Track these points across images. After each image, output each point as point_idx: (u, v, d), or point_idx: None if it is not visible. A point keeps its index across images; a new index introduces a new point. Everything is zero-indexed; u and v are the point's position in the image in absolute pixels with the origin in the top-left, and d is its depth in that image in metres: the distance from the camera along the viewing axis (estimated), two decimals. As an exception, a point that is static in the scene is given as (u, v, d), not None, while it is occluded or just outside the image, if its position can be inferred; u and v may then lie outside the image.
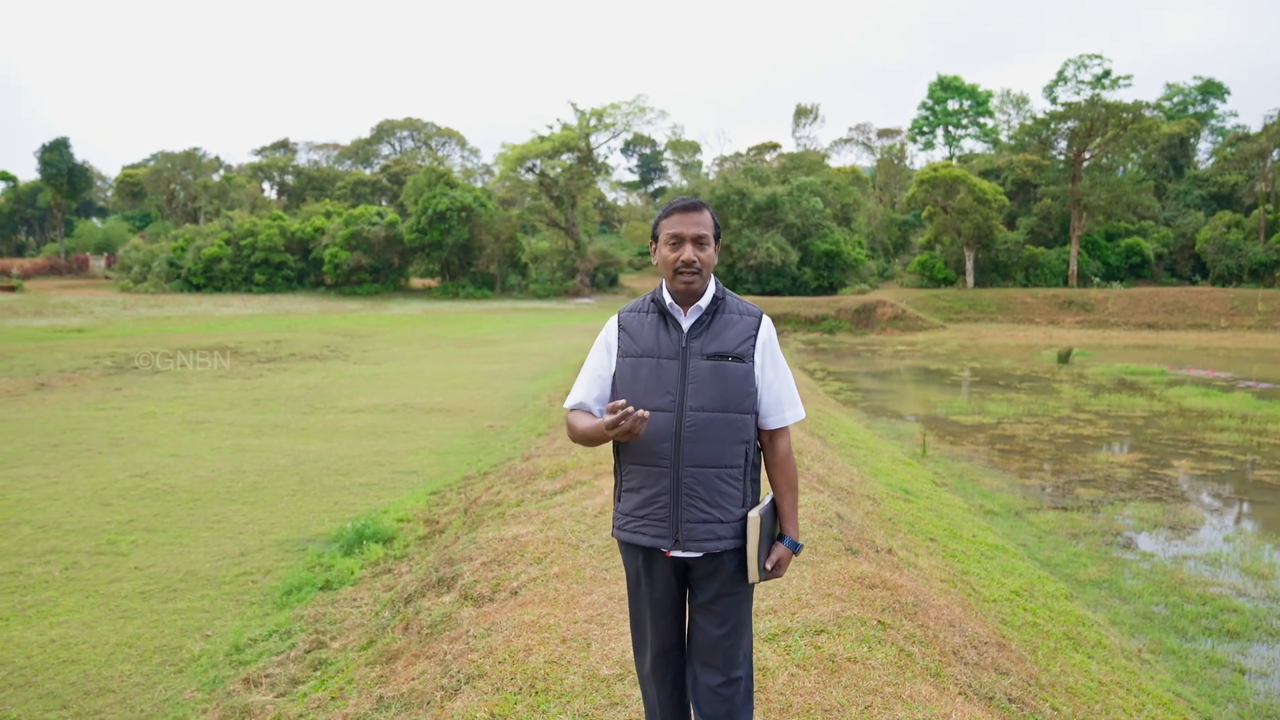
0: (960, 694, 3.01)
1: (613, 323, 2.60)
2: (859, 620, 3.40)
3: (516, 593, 3.99)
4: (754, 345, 2.48)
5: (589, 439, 2.45)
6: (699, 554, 2.42)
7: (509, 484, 6.78)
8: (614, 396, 2.52)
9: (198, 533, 6.87)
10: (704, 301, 2.48)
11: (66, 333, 26.24)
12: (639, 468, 2.45)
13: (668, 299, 2.50)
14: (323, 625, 4.92)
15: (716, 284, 2.55)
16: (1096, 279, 46.54)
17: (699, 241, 2.45)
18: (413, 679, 3.35)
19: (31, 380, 15.58)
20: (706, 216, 2.49)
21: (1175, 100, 63.13)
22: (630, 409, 2.23)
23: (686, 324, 2.48)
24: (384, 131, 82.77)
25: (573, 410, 2.58)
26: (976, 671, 3.35)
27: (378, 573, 5.86)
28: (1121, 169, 51.65)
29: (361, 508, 7.62)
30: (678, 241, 2.46)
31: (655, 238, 2.53)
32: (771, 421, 2.52)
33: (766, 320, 2.55)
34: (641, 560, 2.50)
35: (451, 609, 4.04)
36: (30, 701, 4.16)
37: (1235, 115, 70.30)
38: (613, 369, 2.55)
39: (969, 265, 46.96)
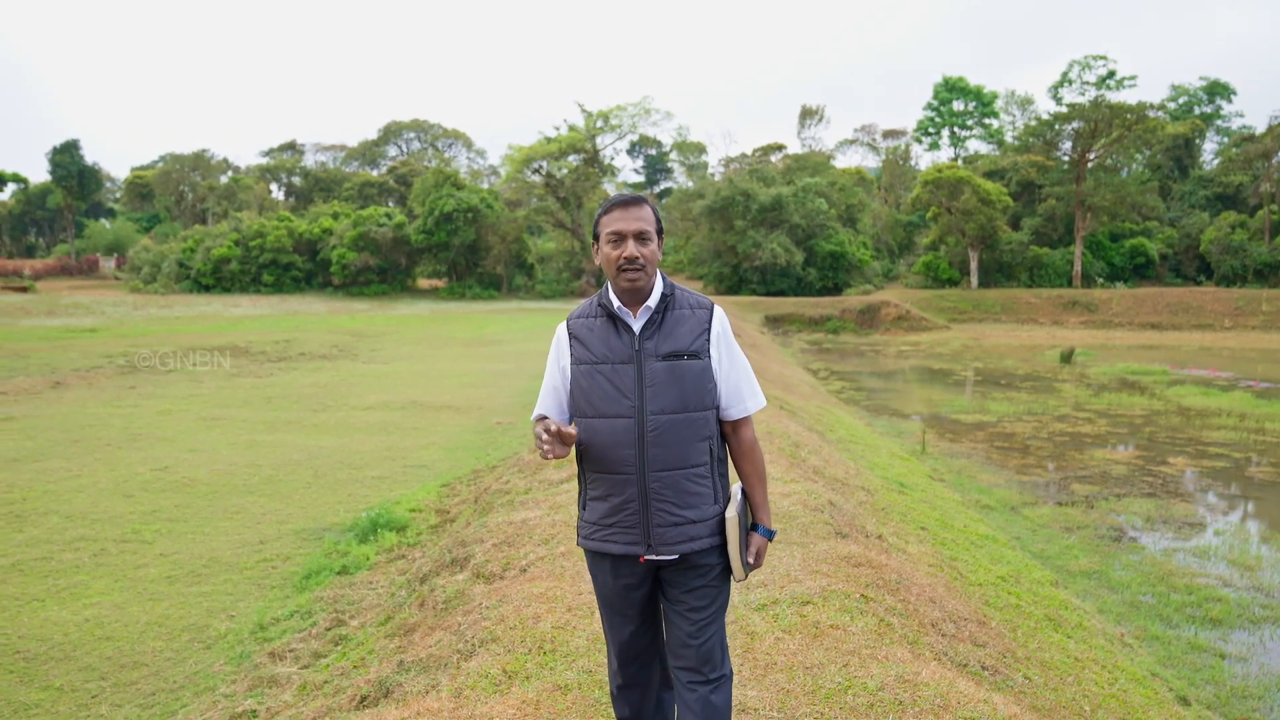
0: (935, 659, 3.27)
1: (562, 331, 2.51)
2: (843, 594, 3.66)
3: (525, 570, 4.27)
4: (708, 339, 2.42)
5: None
6: (674, 556, 2.37)
7: (517, 474, 7.07)
8: (572, 406, 2.47)
9: (218, 522, 7.15)
10: (653, 301, 2.41)
11: (79, 332, 26.63)
12: (604, 476, 2.39)
13: (615, 302, 2.42)
14: (342, 605, 5.20)
15: (664, 280, 2.47)
16: (1101, 279, 46.63)
17: (640, 237, 2.38)
18: (430, 647, 3.62)
19: (48, 379, 15.91)
20: (647, 211, 2.42)
21: (1181, 101, 63.14)
22: (552, 433, 2.22)
23: (637, 326, 2.40)
24: (391, 133, 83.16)
25: (537, 422, 2.47)
26: (953, 642, 3.61)
27: (392, 558, 6.14)
28: (1126, 170, 51.75)
29: (374, 499, 7.89)
30: (619, 239, 2.38)
31: (596, 238, 2.46)
32: (733, 412, 2.48)
33: (719, 311, 2.49)
34: (609, 567, 2.44)
35: (465, 586, 4.32)
36: (71, 674, 4.44)
37: (1241, 116, 70.50)
38: (567, 380, 2.48)
39: (973, 266, 47.13)
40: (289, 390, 15.12)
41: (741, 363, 2.51)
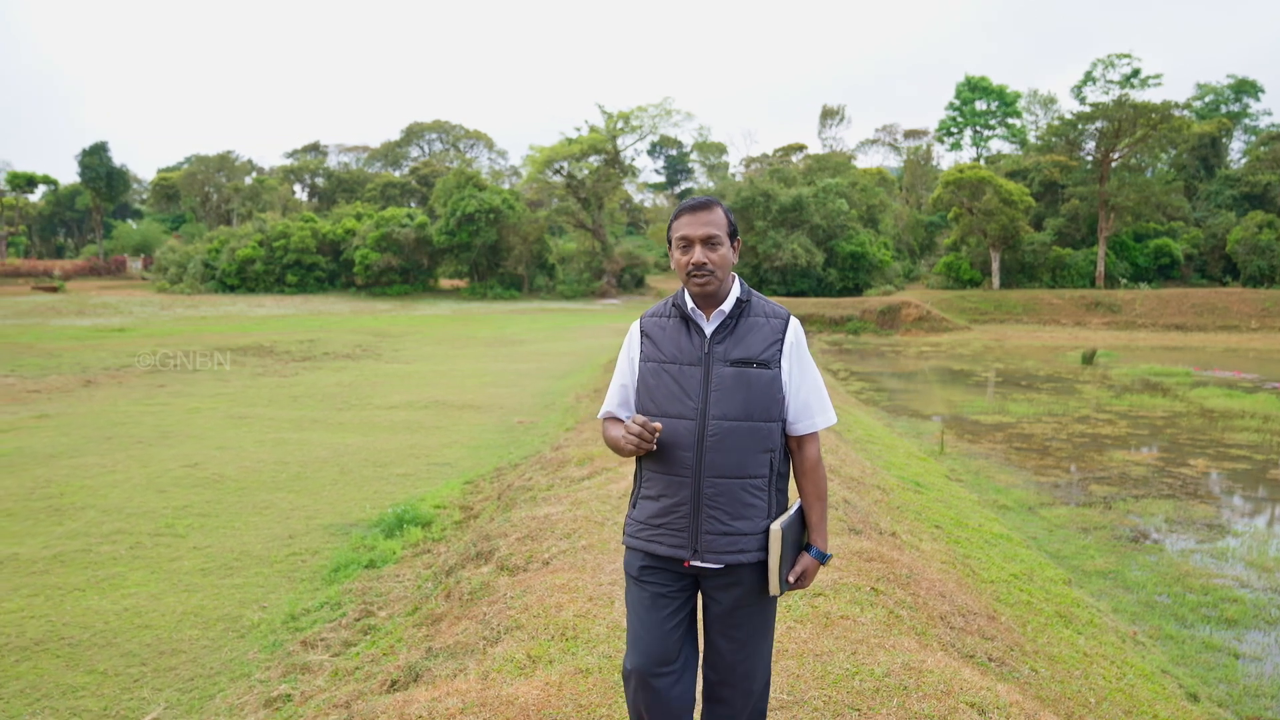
0: (941, 650, 3.38)
1: (635, 329, 2.51)
2: (854, 586, 3.78)
3: (548, 562, 4.43)
4: (780, 350, 2.37)
5: (616, 448, 2.40)
6: (719, 565, 2.33)
7: (540, 471, 7.23)
8: (636, 403, 2.45)
9: (248, 518, 7.36)
10: (727, 305, 2.39)
11: (108, 332, 27.12)
12: (660, 476, 2.37)
13: (689, 303, 2.40)
14: (370, 597, 5.38)
15: (741, 285, 2.44)
16: (1124, 280, 46.17)
17: (709, 242, 2.35)
18: (457, 634, 3.79)
19: (79, 377, 16.28)
20: (718, 215, 2.38)
21: (1207, 100, 62.40)
22: (652, 429, 2.25)
23: (709, 329, 2.38)
24: (413, 134, 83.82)
25: (605, 420, 2.55)
26: (961, 635, 3.72)
27: (418, 553, 6.32)
28: (1151, 169, 51.20)
29: (400, 496, 8.08)
30: (688, 244, 2.37)
31: (669, 241, 2.44)
32: (800, 427, 2.42)
33: (794, 322, 2.45)
34: (654, 567, 2.40)
35: (489, 578, 4.48)
36: (114, 659, 4.65)
37: (1269, 114, 69.40)
38: (635, 377, 2.47)
39: (995, 266, 46.85)
40: (314, 389, 15.38)
41: (814, 377, 2.46)
